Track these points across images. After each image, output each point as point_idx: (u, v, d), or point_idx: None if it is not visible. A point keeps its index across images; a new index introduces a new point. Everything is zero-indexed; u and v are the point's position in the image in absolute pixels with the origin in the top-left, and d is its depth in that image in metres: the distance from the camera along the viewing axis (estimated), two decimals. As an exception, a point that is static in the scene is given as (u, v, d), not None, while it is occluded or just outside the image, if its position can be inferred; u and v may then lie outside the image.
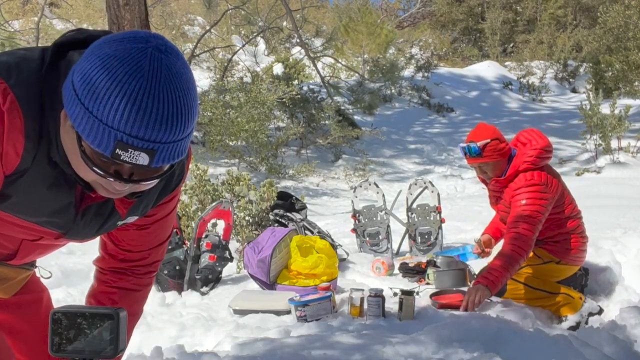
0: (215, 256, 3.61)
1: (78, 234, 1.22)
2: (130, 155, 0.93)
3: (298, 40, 12.33)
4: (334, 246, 3.84)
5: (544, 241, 3.01)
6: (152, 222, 1.32)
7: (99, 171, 0.96)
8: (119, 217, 1.22)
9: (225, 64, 12.51)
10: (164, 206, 1.30)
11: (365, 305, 2.75)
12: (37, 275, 1.50)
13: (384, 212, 4.35)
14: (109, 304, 1.41)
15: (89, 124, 0.92)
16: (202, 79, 13.07)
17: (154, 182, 1.02)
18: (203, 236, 3.69)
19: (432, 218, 4.28)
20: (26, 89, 0.99)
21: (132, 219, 1.25)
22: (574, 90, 17.74)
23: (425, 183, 4.40)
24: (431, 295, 2.98)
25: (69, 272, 3.71)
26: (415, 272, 3.57)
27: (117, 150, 0.93)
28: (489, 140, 2.96)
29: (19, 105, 0.98)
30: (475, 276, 3.23)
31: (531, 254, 2.99)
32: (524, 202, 2.86)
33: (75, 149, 0.98)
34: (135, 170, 0.97)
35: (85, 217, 1.19)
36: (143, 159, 0.94)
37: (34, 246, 1.27)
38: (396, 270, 3.73)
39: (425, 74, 15.89)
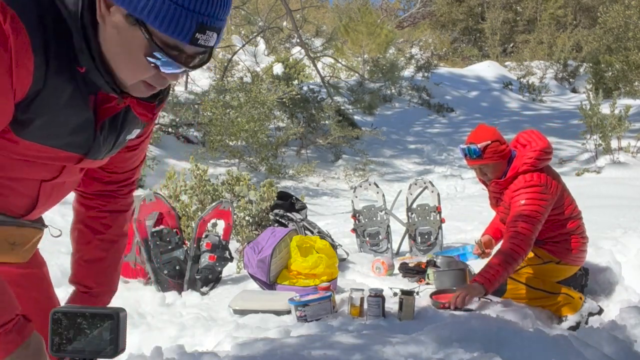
0: (215, 256, 3.61)
1: (98, 151, 1.21)
2: (206, 38, 0.95)
3: (298, 40, 12.34)
4: (334, 246, 3.84)
5: (545, 241, 3.00)
6: (139, 142, 1.35)
7: (169, 61, 0.95)
8: (128, 131, 1.23)
9: (225, 64, 12.51)
10: (151, 124, 1.33)
11: (365, 305, 2.74)
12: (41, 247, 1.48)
13: (384, 212, 4.35)
14: (102, 229, 1.41)
15: (169, 12, 0.92)
16: (202, 79, 13.07)
17: (198, 69, 1.03)
18: (203, 236, 3.70)
19: (432, 218, 4.28)
20: (22, 3, 0.95)
21: (135, 133, 1.27)
22: (574, 90, 17.76)
23: (425, 183, 4.40)
24: (431, 295, 2.98)
25: (68, 272, 3.70)
26: (415, 272, 3.57)
27: (197, 34, 0.93)
28: (489, 142, 2.95)
29: (21, 21, 0.94)
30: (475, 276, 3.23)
31: (531, 254, 2.99)
32: (523, 202, 2.86)
33: (126, 46, 0.97)
34: (191, 56, 0.98)
35: (103, 132, 1.18)
36: (213, 39, 0.95)
37: (51, 188, 1.26)
38: (396, 270, 3.73)
39: (425, 74, 15.90)
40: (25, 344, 1.03)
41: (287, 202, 4.49)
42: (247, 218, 4.62)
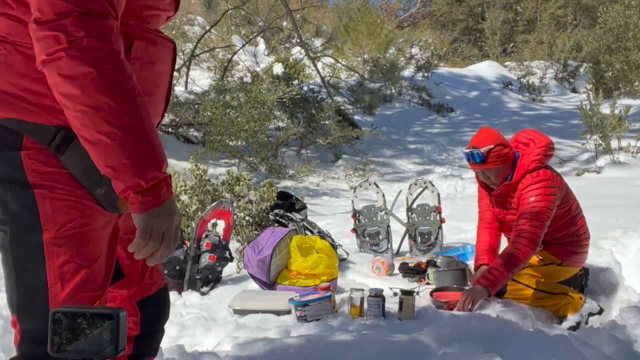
0: (215, 256, 3.61)
1: None
2: None
3: (298, 40, 12.34)
4: (334, 246, 3.84)
5: (549, 242, 3.00)
6: None
7: None
8: None
9: (225, 64, 12.50)
10: None
11: (365, 305, 2.75)
12: None
13: (384, 212, 4.35)
14: None
15: None
16: (202, 79, 13.07)
17: None
18: (203, 236, 3.69)
19: (432, 218, 4.28)
20: None
21: None
22: (574, 90, 17.76)
23: (425, 183, 4.40)
24: (431, 293, 2.98)
25: (69, 272, 3.70)
26: (415, 272, 3.57)
27: None
28: (492, 146, 2.92)
29: None
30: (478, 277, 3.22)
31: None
32: (533, 199, 2.83)
33: None
34: None
35: None
36: None
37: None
38: (396, 270, 3.73)
39: (425, 74, 15.89)
40: (174, 196, 1.18)
41: (287, 202, 4.49)
42: (247, 218, 4.62)
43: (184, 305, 3.25)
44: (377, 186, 4.52)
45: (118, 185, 1.13)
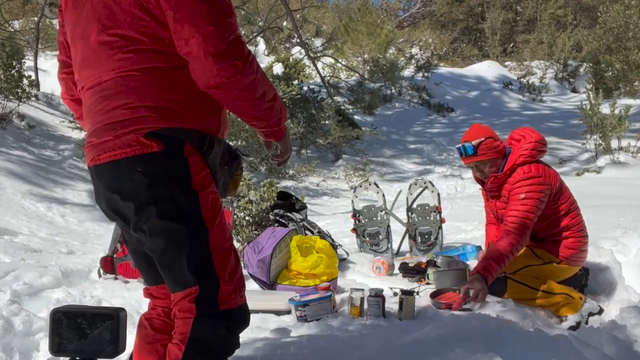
0: (215, 256, 3.60)
1: None
2: None
3: (298, 40, 12.33)
4: (334, 246, 3.84)
5: (545, 240, 3.01)
6: None
7: None
8: None
9: (226, 64, 12.48)
10: None
11: (365, 305, 2.75)
12: None
13: (384, 212, 4.35)
14: None
15: None
16: (202, 79, 13.05)
17: None
18: (203, 236, 3.68)
19: (432, 218, 4.28)
20: None
21: None
22: (574, 90, 17.78)
23: (425, 183, 4.40)
24: (432, 296, 2.98)
25: (69, 272, 3.71)
26: (415, 272, 3.57)
27: None
28: (482, 139, 3.01)
29: None
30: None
31: (532, 254, 2.99)
32: (522, 195, 2.88)
33: None
34: None
35: None
36: None
37: None
38: (396, 270, 3.73)
39: (425, 74, 15.91)
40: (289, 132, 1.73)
41: (287, 202, 4.49)
42: (247, 218, 4.61)
43: (184, 305, 3.24)
44: (377, 186, 4.52)
45: (267, 134, 1.71)
